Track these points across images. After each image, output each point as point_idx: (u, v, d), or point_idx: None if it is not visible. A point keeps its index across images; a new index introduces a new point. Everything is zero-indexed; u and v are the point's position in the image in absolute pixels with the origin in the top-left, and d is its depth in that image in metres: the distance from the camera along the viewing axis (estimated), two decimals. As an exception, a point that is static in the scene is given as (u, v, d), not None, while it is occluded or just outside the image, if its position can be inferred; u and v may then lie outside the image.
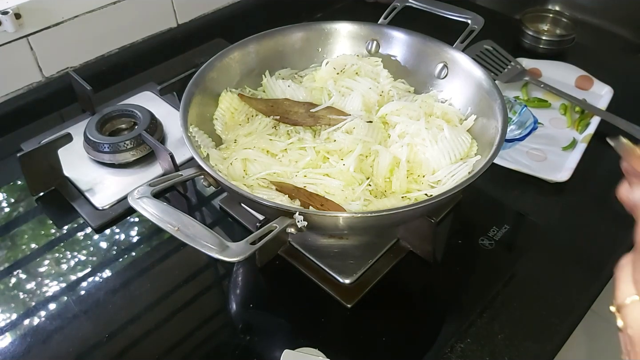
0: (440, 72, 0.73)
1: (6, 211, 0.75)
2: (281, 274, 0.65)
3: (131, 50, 1.00)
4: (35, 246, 0.70)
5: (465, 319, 0.60)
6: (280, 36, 0.76)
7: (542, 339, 0.58)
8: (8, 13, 0.82)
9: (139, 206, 0.51)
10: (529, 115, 0.82)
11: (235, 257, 0.47)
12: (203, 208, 0.76)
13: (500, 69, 0.92)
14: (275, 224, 0.51)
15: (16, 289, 0.65)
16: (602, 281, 0.65)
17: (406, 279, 0.65)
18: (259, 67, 0.75)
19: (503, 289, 0.63)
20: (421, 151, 0.64)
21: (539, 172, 0.75)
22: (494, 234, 0.69)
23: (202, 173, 0.57)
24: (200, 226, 0.49)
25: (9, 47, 0.85)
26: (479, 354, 0.57)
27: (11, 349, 0.59)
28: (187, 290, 0.64)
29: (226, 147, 0.68)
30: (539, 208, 0.73)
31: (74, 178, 0.77)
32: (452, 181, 0.61)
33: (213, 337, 0.60)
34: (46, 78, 0.92)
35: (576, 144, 0.81)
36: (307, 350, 0.54)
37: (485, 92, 0.66)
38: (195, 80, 0.67)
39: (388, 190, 0.63)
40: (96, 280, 0.66)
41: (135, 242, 0.70)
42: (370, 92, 0.72)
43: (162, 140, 0.82)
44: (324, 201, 0.59)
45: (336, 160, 0.63)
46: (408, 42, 0.76)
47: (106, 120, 0.82)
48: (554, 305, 0.61)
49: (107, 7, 0.94)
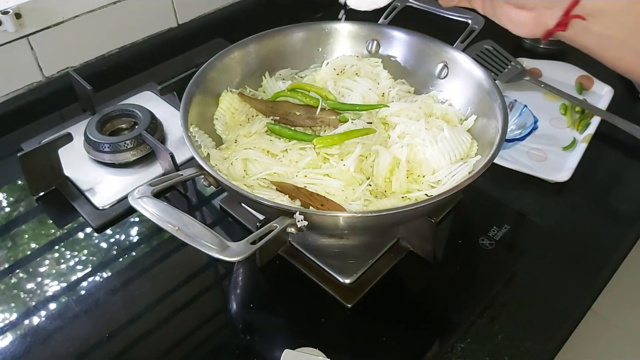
0: (441, 72, 0.73)
1: (6, 211, 0.75)
2: (281, 274, 0.65)
3: (131, 50, 1.00)
4: (35, 246, 0.70)
5: (465, 319, 0.60)
6: (281, 36, 0.76)
7: (542, 339, 0.58)
8: (8, 13, 0.82)
9: (140, 206, 0.51)
10: (529, 115, 0.82)
11: (236, 257, 0.47)
12: (203, 208, 0.77)
13: (500, 69, 0.92)
14: (275, 223, 0.51)
15: (16, 288, 0.65)
16: (602, 281, 0.65)
17: (406, 279, 0.65)
18: (259, 67, 0.75)
19: (503, 289, 0.63)
20: (421, 151, 0.64)
21: (539, 172, 0.75)
22: (494, 234, 0.69)
23: (202, 173, 0.57)
24: (201, 226, 0.49)
25: (10, 46, 0.85)
26: (479, 354, 0.57)
27: (11, 348, 0.59)
28: (187, 290, 0.64)
29: (226, 147, 0.68)
30: (539, 208, 0.73)
31: (74, 178, 0.77)
32: (452, 181, 0.61)
33: (213, 337, 0.60)
34: (46, 78, 0.92)
35: (576, 144, 0.81)
36: (307, 350, 0.54)
37: (485, 92, 0.66)
38: (196, 80, 0.67)
39: (388, 191, 0.63)
40: (96, 280, 0.66)
41: (136, 241, 0.70)
42: (370, 93, 0.72)
43: (163, 140, 0.82)
44: (325, 201, 0.59)
45: (336, 161, 0.63)
46: (408, 42, 0.76)
47: (106, 120, 0.82)
48: (554, 305, 0.61)
49: (107, 7, 0.94)
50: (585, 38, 0.44)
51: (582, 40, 0.45)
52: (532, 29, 0.46)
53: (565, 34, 0.45)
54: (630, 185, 0.78)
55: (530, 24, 0.46)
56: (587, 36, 0.44)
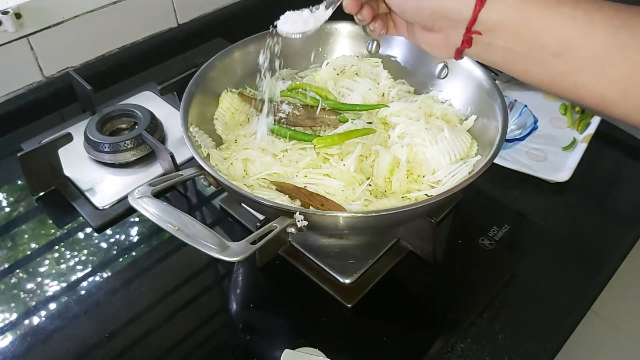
0: (441, 72, 0.73)
1: (6, 211, 0.75)
2: (281, 274, 0.65)
3: (131, 50, 1.00)
4: (35, 246, 0.70)
5: (465, 318, 0.60)
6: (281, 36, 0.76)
7: (542, 339, 0.58)
8: (8, 13, 0.82)
9: (140, 206, 0.51)
10: (529, 115, 0.82)
11: (236, 257, 0.47)
12: (203, 208, 0.77)
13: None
14: (275, 223, 0.51)
15: (16, 288, 0.65)
16: (602, 281, 0.65)
17: (406, 279, 0.65)
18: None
19: (503, 289, 0.63)
20: (421, 151, 0.64)
21: (539, 172, 0.75)
22: (494, 234, 0.69)
23: (202, 173, 0.57)
24: (201, 226, 0.49)
25: (10, 46, 0.85)
26: (479, 354, 0.57)
27: (11, 348, 0.59)
28: (187, 290, 0.64)
29: (226, 147, 0.68)
30: (539, 208, 0.73)
31: (74, 178, 0.77)
32: (452, 181, 0.61)
33: (213, 336, 0.60)
34: (46, 78, 0.93)
35: (576, 144, 0.81)
36: (307, 350, 0.54)
37: (485, 92, 0.66)
38: (196, 80, 0.67)
39: (388, 191, 0.63)
40: (96, 280, 0.66)
41: (136, 241, 0.70)
42: (370, 93, 0.72)
43: (163, 140, 0.82)
44: (325, 201, 0.59)
45: (336, 161, 0.63)
46: (408, 42, 0.75)
47: (106, 120, 0.82)
48: (554, 305, 0.61)
49: (107, 7, 0.94)
50: (491, 53, 0.46)
51: (489, 56, 0.47)
52: (445, 49, 0.49)
53: (472, 51, 0.47)
54: (630, 185, 0.78)
55: (441, 44, 0.49)
56: (492, 51, 0.46)
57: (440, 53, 0.50)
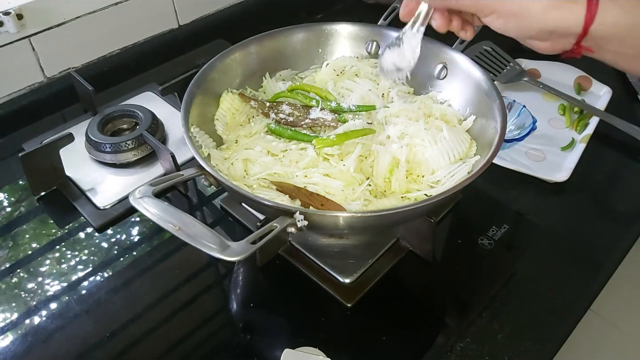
0: (440, 73, 0.73)
1: (8, 211, 0.75)
2: (281, 274, 0.65)
3: (133, 50, 1.01)
4: (36, 246, 0.71)
5: (465, 318, 0.60)
6: (281, 37, 0.76)
7: (542, 339, 0.58)
8: (10, 14, 0.82)
9: (140, 206, 0.51)
10: (528, 115, 0.82)
11: (236, 257, 0.48)
12: (204, 208, 0.77)
13: (499, 69, 0.92)
14: (275, 223, 0.51)
15: (17, 288, 0.65)
16: (602, 281, 0.65)
17: (406, 279, 0.65)
18: (259, 68, 0.76)
19: (503, 289, 0.63)
20: (420, 151, 0.64)
21: (538, 172, 0.75)
22: (493, 233, 0.69)
23: (203, 173, 0.57)
24: (201, 226, 0.49)
25: (11, 47, 0.86)
26: (478, 354, 0.57)
27: (12, 348, 0.59)
28: (187, 290, 0.64)
29: (227, 147, 0.68)
30: (538, 208, 0.73)
31: (76, 178, 0.77)
32: (451, 181, 0.61)
33: (214, 336, 0.61)
34: (48, 78, 0.93)
35: (575, 144, 0.81)
36: (307, 349, 0.55)
37: (484, 93, 0.66)
38: (197, 81, 0.67)
39: (388, 191, 0.63)
40: (97, 280, 0.66)
41: (137, 241, 0.71)
42: (370, 94, 0.72)
43: (164, 140, 0.82)
44: (324, 201, 0.59)
45: (336, 161, 0.63)
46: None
47: (108, 121, 0.82)
48: (554, 305, 0.62)
49: (108, 7, 0.94)
50: (600, 54, 0.49)
51: (598, 57, 0.49)
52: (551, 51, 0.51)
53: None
54: (629, 185, 0.78)
55: (548, 48, 0.50)
56: (601, 53, 0.49)
57: (545, 52, 0.51)
